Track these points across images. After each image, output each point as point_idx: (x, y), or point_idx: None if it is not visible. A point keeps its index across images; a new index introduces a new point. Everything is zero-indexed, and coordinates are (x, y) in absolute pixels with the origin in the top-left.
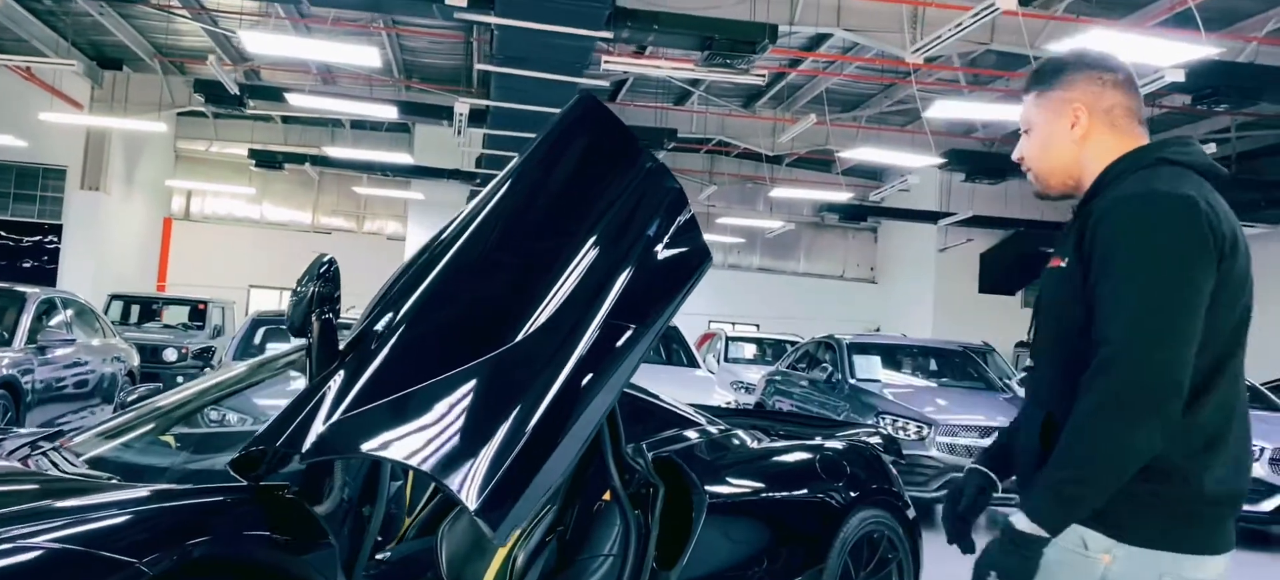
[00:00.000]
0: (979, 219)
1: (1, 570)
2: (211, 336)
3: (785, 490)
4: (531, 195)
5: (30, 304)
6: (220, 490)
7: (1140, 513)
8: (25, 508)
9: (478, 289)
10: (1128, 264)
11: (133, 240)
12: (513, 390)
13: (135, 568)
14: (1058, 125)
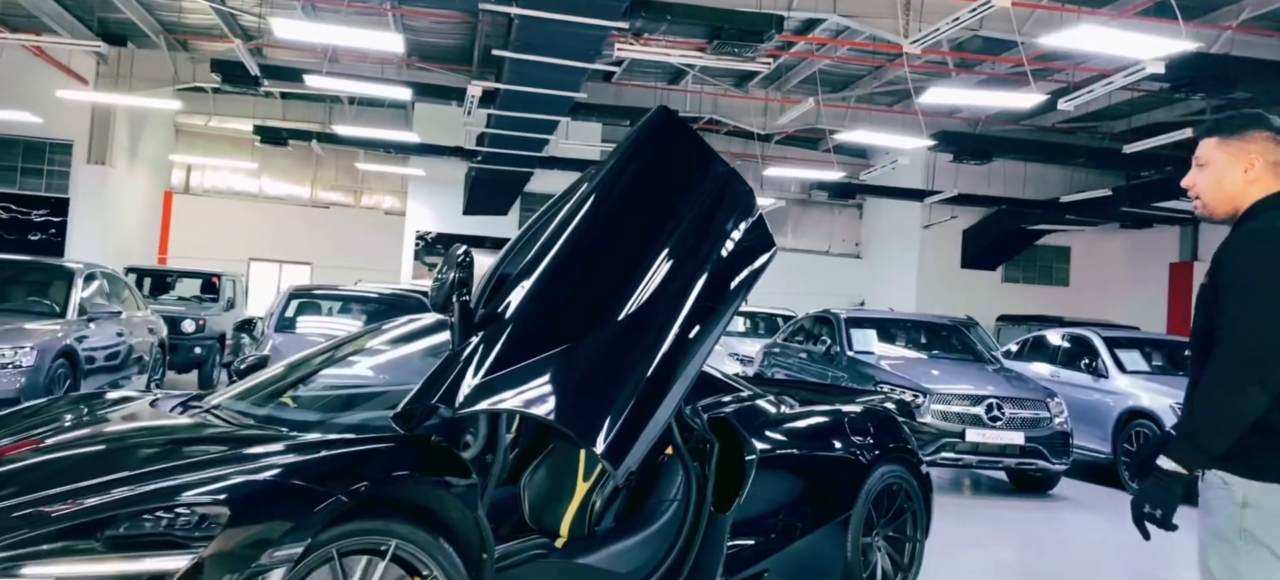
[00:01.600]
0: (964, 197)
1: (236, 492)
2: (225, 309)
3: (820, 447)
4: (623, 195)
5: (78, 277)
6: (385, 437)
7: (1266, 459)
8: (231, 451)
9: (585, 275)
10: (1240, 277)
11: (136, 213)
12: (624, 358)
13: (336, 497)
14: (1234, 169)
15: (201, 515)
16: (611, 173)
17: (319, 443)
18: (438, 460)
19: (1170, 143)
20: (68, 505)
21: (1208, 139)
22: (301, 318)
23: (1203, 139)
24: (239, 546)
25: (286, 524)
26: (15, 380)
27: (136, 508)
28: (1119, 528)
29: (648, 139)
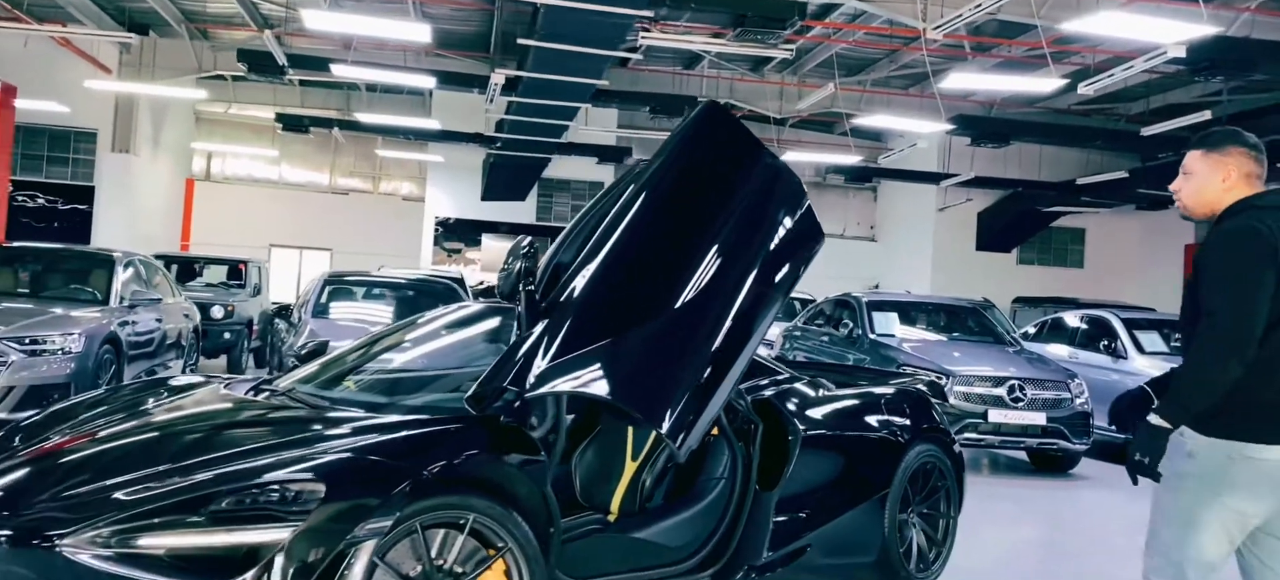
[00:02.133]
0: (980, 180)
1: (329, 469)
2: (252, 295)
3: (858, 427)
4: (676, 188)
5: (118, 265)
6: (459, 418)
7: (1216, 415)
8: (316, 431)
9: (643, 265)
10: (1219, 267)
11: (159, 201)
12: (683, 343)
13: (420, 473)
14: (1213, 178)
15: (297, 491)
16: (664, 166)
17: (398, 423)
18: (508, 439)
19: (1189, 125)
20: (171, 483)
21: (1193, 151)
22: (336, 303)
23: (1188, 151)
24: (333, 520)
25: (376, 499)
26: (65, 366)
27: (236, 485)
28: (1138, 505)
29: (697, 133)
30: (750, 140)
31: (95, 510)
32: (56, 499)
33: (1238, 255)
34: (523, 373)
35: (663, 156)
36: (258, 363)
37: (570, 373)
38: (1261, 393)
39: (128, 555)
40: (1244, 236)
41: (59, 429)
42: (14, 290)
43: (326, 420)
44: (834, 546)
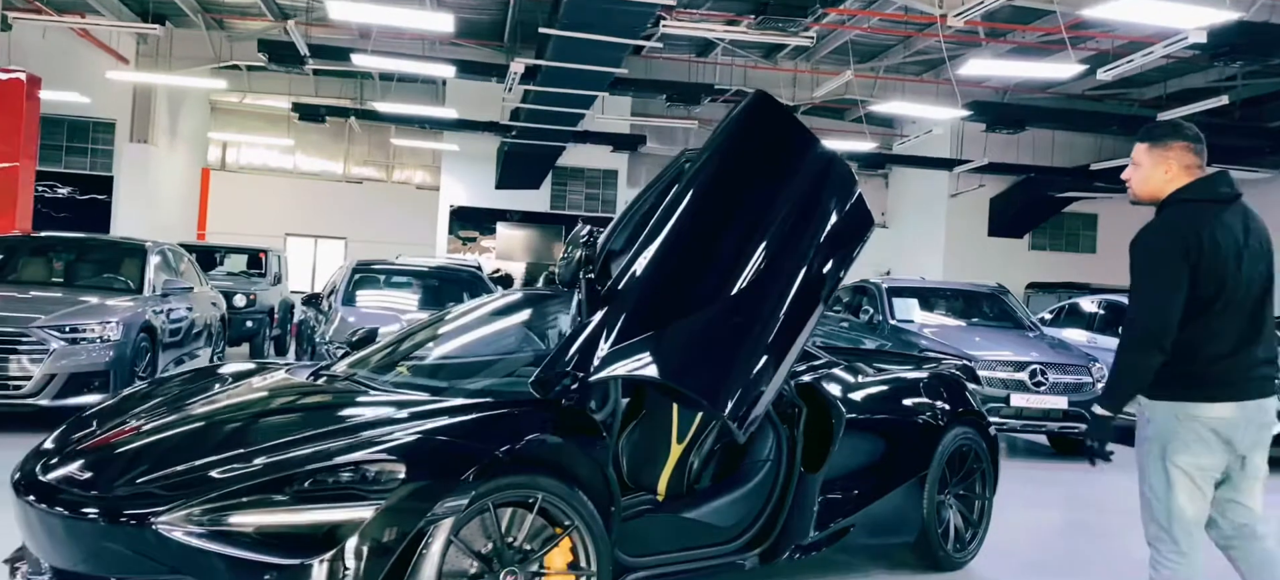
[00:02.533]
0: (994, 166)
1: (408, 450)
2: (272, 283)
3: (898, 411)
4: (730, 177)
5: (150, 254)
6: (525, 401)
7: (1160, 384)
8: (388, 414)
9: (699, 252)
10: (1139, 267)
11: (176, 190)
12: (742, 329)
13: (493, 454)
14: (1157, 170)
15: (377, 471)
16: (716, 156)
17: (466, 406)
18: (572, 421)
19: (1205, 110)
20: (255, 464)
21: (1140, 145)
22: (365, 291)
23: (1136, 144)
24: (414, 499)
25: (453, 479)
26: (104, 354)
27: (317, 466)
28: None
29: (748, 123)
30: (801, 130)
31: (187, 490)
32: (148, 479)
33: (1153, 259)
34: (586, 358)
35: (715, 146)
36: (278, 350)
37: (632, 357)
38: (1195, 362)
39: (218, 532)
40: (1159, 237)
41: (134, 413)
42: (48, 279)
43: (394, 404)
44: (875, 527)
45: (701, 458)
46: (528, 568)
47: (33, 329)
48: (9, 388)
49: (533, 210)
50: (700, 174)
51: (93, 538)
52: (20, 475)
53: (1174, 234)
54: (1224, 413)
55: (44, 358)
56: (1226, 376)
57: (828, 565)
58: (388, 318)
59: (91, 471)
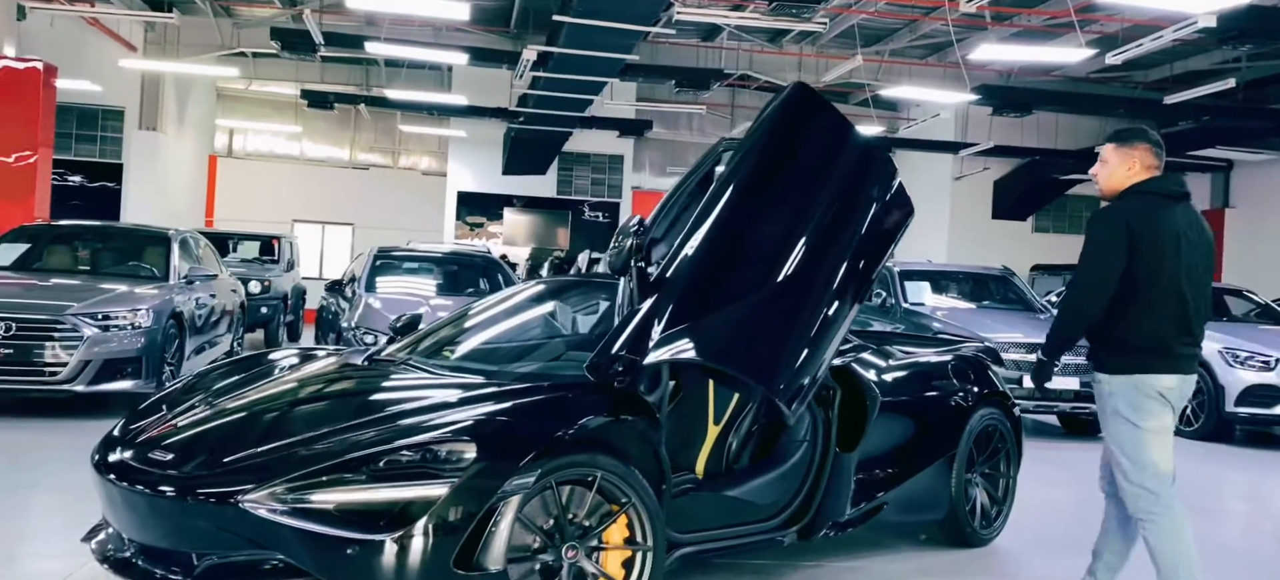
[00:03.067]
0: (999, 149)
1: (479, 431)
2: (286, 269)
3: (927, 392)
4: (773, 166)
5: (174, 242)
6: (582, 384)
7: (1116, 358)
8: (453, 397)
9: (746, 240)
10: (1088, 250)
11: (185, 178)
12: (790, 313)
13: (558, 434)
14: (1122, 168)
15: (448, 451)
16: (758, 145)
17: (526, 389)
18: (626, 403)
19: (1213, 93)
20: (331, 445)
21: (1109, 145)
22: (387, 277)
23: (1105, 144)
24: (484, 478)
25: (521, 458)
26: (136, 341)
27: (390, 445)
28: None
29: (789, 113)
30: (841, 119)
31: (268, 470)
32: (230, 460)
33: (1099, 247)
34: (639, 343)
35: (757, 136)
36: (291, 336)
37: (684, 341)
38: (1141, 338)
39: (301, 509)
40: (1106, 229)
41: (203, 398)
42: (73, 267)
43: (453, 386)
44: (906, 505)
45: (740, 439)
46: (587, 543)
47: (67, 317)
48: (45, 374)
49: (539, 195)
50: (743, 163)
51: (180, 515)
52: (101, 456)
53: (1120, 223)
54: (1170, 383)
55: (78, 345)
56: (1168, 352)
57: (859, 542)
58: (412, 303)
59: (173, 453)
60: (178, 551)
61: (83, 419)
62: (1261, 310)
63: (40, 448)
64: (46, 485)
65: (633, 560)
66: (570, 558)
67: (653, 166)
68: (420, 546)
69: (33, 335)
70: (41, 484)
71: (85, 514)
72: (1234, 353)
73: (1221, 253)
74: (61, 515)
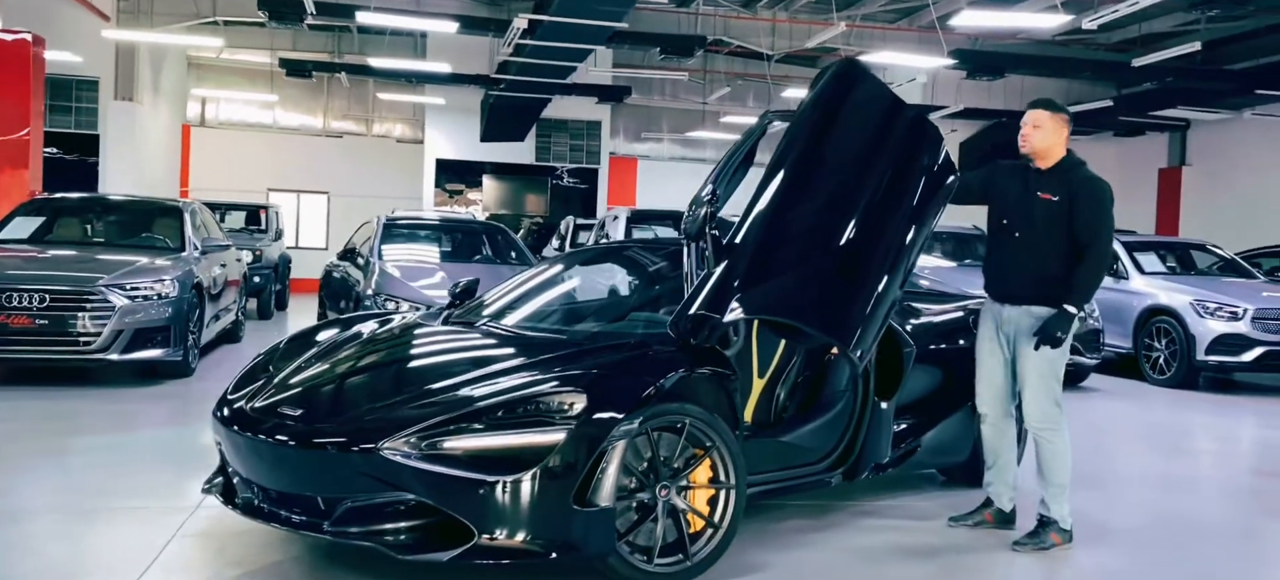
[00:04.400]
0: (970, 111)
1: (588, 382)
2: (274, 239)
3: (953, 342)
4: (830, 138)
5: (186, 213)
6: (662, 340)
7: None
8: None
9: (810, 204)
10: (1105, 212)
11: (160, 148)
12: (853, 274)
13: (656, 384)
14: (1057, 134)
15: (562, 402)
16: (812, 119)
17: (613, 347)
18: (706, 357)
19: (1179, 55)
20: (451, 397)
21: (1042, 111)
22: (398, 245)
23: (1038, 110)
24: (595, 425)
25: (626, 407)
26: (164, 311)
27: (507, 397)
28: (1147, 412)
29: (840, 87)
30: (891, 93)
31: (400, 421)
32: (364, 411)
33: (1111, 204)
34: (717, 302)
35: (811, 111)
36: (279, 305)
37: (758, 300)
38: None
39: (434, 456)
40: (1110, 191)
41: (308, 357)
42: (88, 240)
43: (539, 345)
44: (935, 449)
45: (787, 390)
46: (678, 483)
47: (98, 288)
48: (78, 344)
49: (520, 162)
50: (800, 136)
51: (323, 464)
52: (228, 412)
53: None
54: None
55: (110, 315)
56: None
57: (891, 483)
58: (426, 269)
59: (303, 407)
60: (316, 496)
61: (113, 387)
62: (1224, 263)
63: (91, 414)
64: (135, 447)
65: (716, 498)
66: (663, 496)
67: (627, 133)
68: (543, 486)
69: (66, 306)
70: (129, 446)
71: (183, 468)
72: (1204, 304)
73: (1178, 209)
74: (159, 472)
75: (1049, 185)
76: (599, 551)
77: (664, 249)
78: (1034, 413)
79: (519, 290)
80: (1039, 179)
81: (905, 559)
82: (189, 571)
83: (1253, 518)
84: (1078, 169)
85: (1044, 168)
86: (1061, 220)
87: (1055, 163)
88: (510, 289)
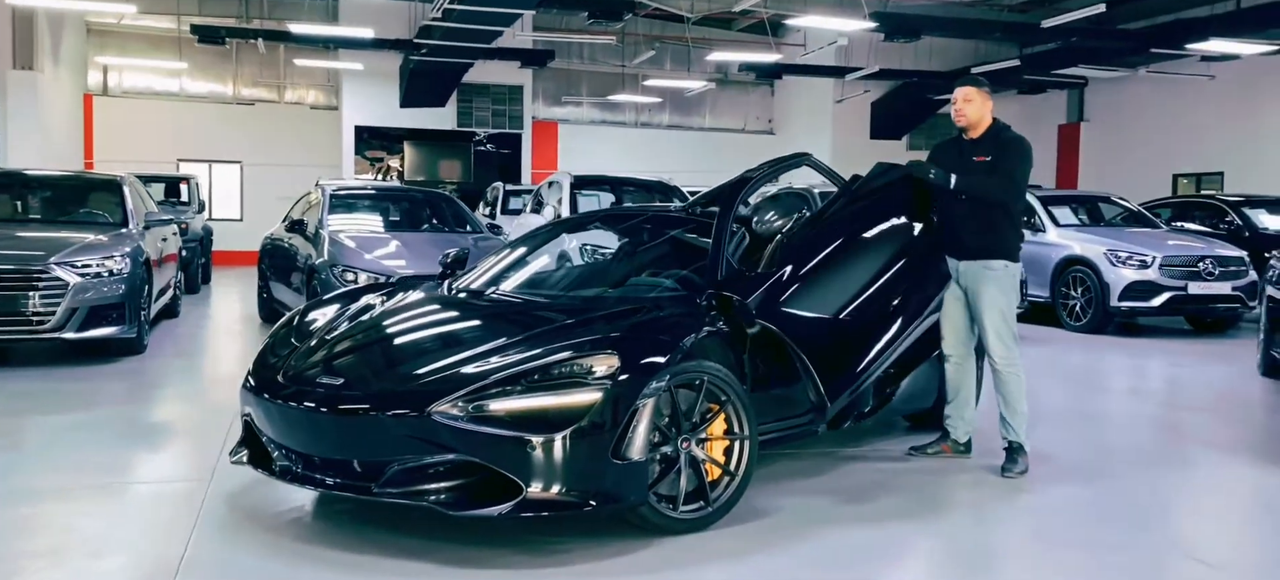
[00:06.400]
0: (884, 72)
1: (620, 345)
2: (198, 211)
3: None
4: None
5: (126, 187)
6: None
7: (1014, 249)
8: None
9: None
10: (1021, 162)
11: (63, 119)
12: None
13: (680, 344)
14: (986, 105)
15: (595, 364)
16: (854, 200)
17: (629, 311)
18: (722, 323)
19: (1086, 17)
20: (491, 362)
21: (971, 88)
22: (345, 215)
23: (968, 87)
24: (628, 384)
25: (655, 367)
26: (117, 287)
27: (543, 362)
28: (1068, 356)
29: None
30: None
31: (444, 386)
32: (409, 377)
33: (1029, 160)
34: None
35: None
36: (204, 279)
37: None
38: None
39: (480, 417)
40: (1030, 146)
41: (328, 332)
42: (25, 216)
43: (558, 311)
44: (908, 397)
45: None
46: (697, 435)
47: (49, 266)
48: (32, 324)
49: (439, 128)
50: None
51: (373, 430)
52: (260, 382)
53: None
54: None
55: (63, 294)
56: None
57: (861, 432)
58: (379, 240)
59: (343, 376)
60: (357, 461)
61: (65, 367)
62: (1129, 215)
63: (49, 395)
64: (101, 425)
65: (731, 448)
66: (685, 448)
67: (546, 97)
68: (584, 442)
69: (15, 287)
70: (96, 425)
71: (166, 445)
72: (1116, 254)
73: (1077, 164)
74: (141, 449)
75: (982, 150)
76: (634, 501)
77: (643, 216)
78: (997, 350)
79: (514, 259)
80: (973, 146)
81: (890, 493)
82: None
83: (1188, 448)
84: (1005, 132)
85: (976, 137)
86: (992, 174)
87: (985, 130)
88: (505, 259)
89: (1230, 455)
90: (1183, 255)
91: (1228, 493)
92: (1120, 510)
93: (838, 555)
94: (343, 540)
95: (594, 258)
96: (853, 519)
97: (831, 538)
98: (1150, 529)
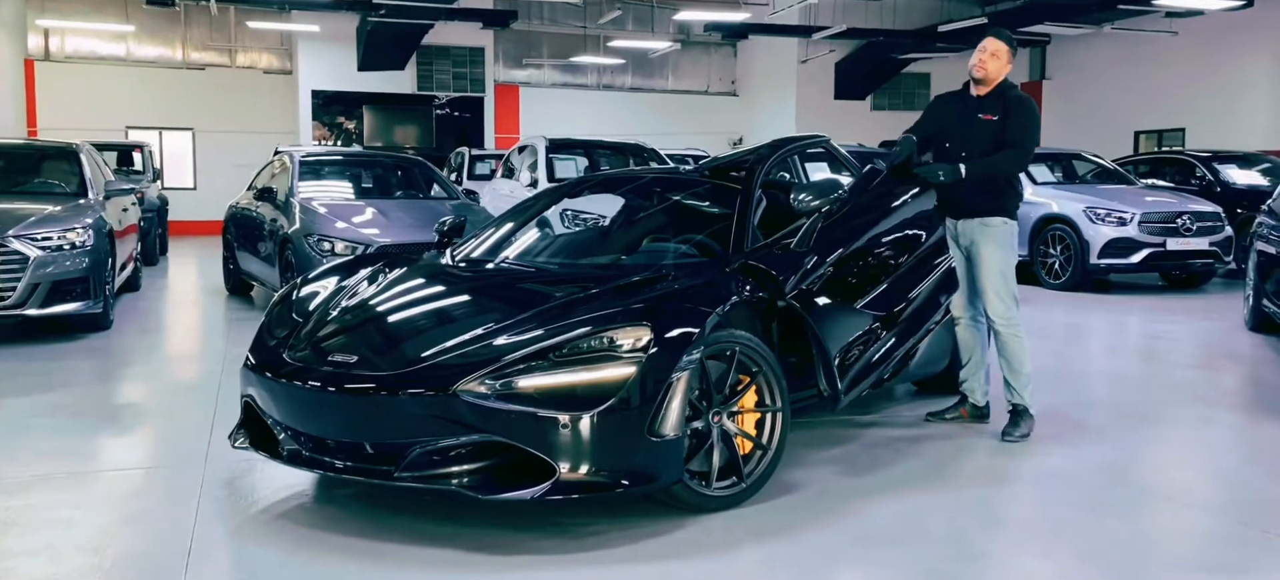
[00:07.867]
0: (851, 31)
1: (652, 318)
2: (153, 179)
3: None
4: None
5: (83, 155)
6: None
7: (1013, 208)
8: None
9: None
10: (1031, 120)
11: (2, 86)
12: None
13: (713, 314)
14: (1006, 62)
15: (625, 337)
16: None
17: (651, 280)
18: (753, 294)
19: None
20: (516, 337)
21: (1001, 43)
22: (315, 182)
23: (999, 42)
24: (662, 357)
25: (690, 337)
26: (81, 261)
27: (571, 335)
28: (1051, 314)
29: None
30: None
31: (467, 363)
32: (427, 355)
33: (1037, 117)
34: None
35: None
36: (161, 250)
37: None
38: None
39: (508, 394)
40: (1037, 107)
41: (332, 307)
42: None
43: (585, 281)
44: (923, 361)
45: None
46: (729, 407)
47: (6, 239)
48: None
49: (399, 92)
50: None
51: (394, 410)
52: (262, 362)
53: None
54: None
55: (23, 269)
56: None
57: (872, 398)
58: (354, 208)
59: (356, 355)
60: (379, 443)
61: (29, 345)
62: (1102, 172)
63: (13, 375)
64: (79, 404)
65: (763, 420)
66: (716, 422)
67: (507, 59)
68: (618, 419)
69: None
70: (72, 406)
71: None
72: (1094, 211)
73: (1041, 121)
74: (126, 432)
75: (989, 107)
76: (670, 480)
77: (648, 179)
78: (998, 310)
79: (516, 226)
80: (980, 103)
81: (913, 462)
82: None
83: (1193, 407)
84: (1011, 90)
85: (984, 94)
86: (1000, 137)
87: (994, 88)
88: (506, 226)
89: (1243, 413)
90: (1161, 211)
91: (1251, 446)
92: (1140, 471)
93: (876, 530)
94: (357, 527)
95: (596, 223)
96: (880, 490)
97: (867, 512)
98: (1170, 492)
